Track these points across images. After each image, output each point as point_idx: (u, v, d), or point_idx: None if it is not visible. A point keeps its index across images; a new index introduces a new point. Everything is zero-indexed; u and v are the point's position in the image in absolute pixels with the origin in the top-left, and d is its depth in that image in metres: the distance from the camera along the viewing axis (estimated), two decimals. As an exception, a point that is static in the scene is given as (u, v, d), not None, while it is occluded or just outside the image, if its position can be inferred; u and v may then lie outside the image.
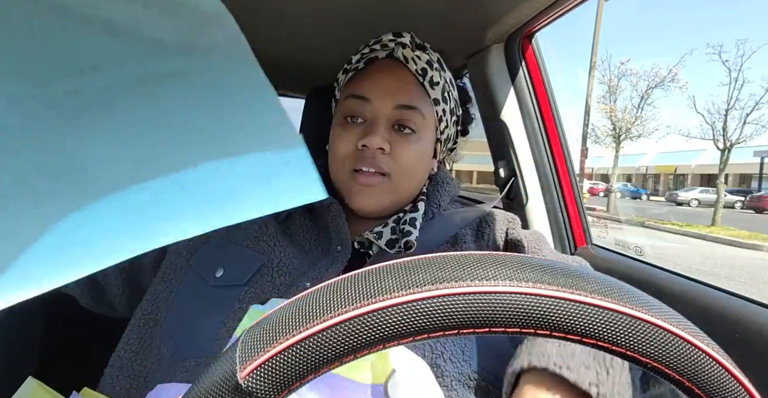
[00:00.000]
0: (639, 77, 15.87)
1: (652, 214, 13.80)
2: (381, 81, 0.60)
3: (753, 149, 16.79)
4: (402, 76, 0.60)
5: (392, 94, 0.59)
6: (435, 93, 0.61)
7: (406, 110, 0.58)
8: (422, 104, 0.59)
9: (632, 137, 15.95)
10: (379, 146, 0.57)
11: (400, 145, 0.58)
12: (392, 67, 0.61)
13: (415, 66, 0.60)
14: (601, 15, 10.72)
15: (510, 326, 0.18)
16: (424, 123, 0.60)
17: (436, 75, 0.60)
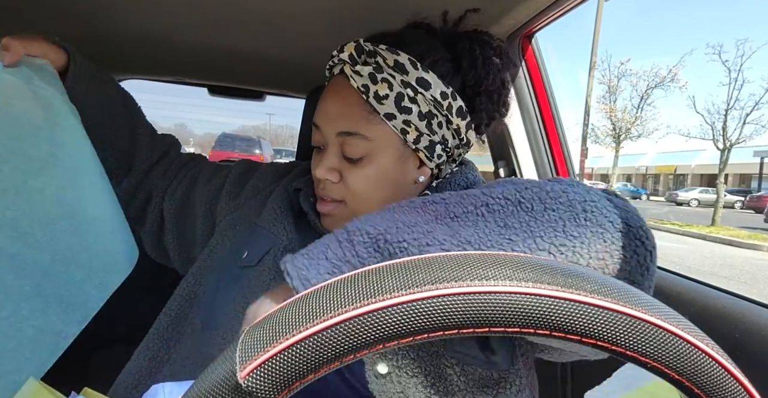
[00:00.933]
0: (639, 77, 15.88)
1: (651, 214, 13.80)
2: (325, 107, 0.58)
3: (753, 149, 16.79)
4: (344, 96, 0.56)
5: (333, 122, 0.56)
6: (385, 108, 0.54)
7: (347, 136, 0.55)
8: (366, 125, 0.55)
9: (632, 137, 15.97)
10: (323, 177, 0.57)
11: (349, 172, 0.56)
12: (338, 86, 0.57)
13: (356, 83, 0.54)
14: (601, 15, 10.73)
15: (510, 326, 0.18)
16: (373, 144, 0.55)
17: (383, 87, 0.53)
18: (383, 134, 0.55)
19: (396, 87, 0.54)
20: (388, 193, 0.58)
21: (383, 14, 0.90)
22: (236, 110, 67.01)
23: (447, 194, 0.44)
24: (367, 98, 0.54)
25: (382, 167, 0.56)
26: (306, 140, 0.95)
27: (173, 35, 1.18)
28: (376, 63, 0.55)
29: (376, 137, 0.55)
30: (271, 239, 0.60)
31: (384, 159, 0.56)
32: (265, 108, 45.03)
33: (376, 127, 0.55)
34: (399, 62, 0.54)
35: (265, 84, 1.85)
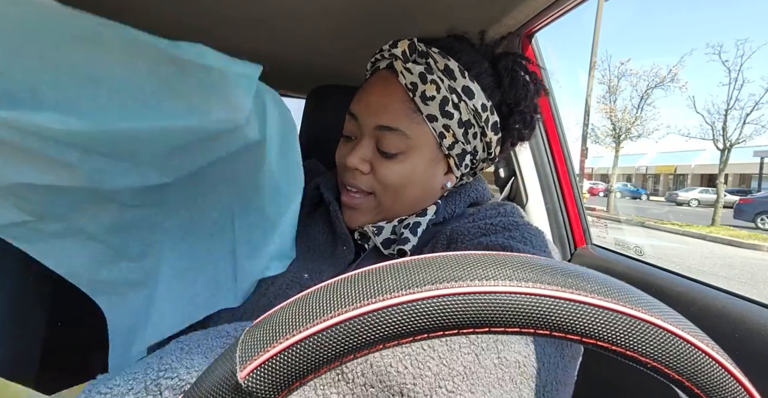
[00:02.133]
0: (639, 77, 15.89)
1: (651, 214, 13.81)
2: (368, 98, 0.58)
3: (753, 149, 16.79)
4: (391, 92, 0.56)
5: (375, 114, 0.56)
6: (429, 109, 0.55)
7: (387, 131, 0.55)
8: (408, 123, 0.55)
9: (632, 137, 15.97)
10: (355, 166, 0.56)
11: (381, 166, 0.57)
12: (384, 81, 0.57)
13: (405, 80, 0.55)
14: (601, 15, 10.72)
15: (510, 326, 0.18)
16: (411, 142, 0.56)
17: (431, 88, 0.54)
18: (422, 134, 0.56)
19: (443, 91, 0.54)
20: (416, 193, 0.59)
21: (384, 15, 0.90)
22: (236, 109, 67.02)
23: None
24: (413, 96, 0.55)
25: (415, 166, 0.57)
26: (306, 139, 0.95)
27: (173, 35, 1.18)
28: (426, 64, 0.55)
29: (415, 135, 0.56)
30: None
31: (418, 159, 0.57)
32: (265, 108, 44.99)
33: (417, 126, 0.55)
34: (449, 67, 0.55)
35: (265, 84, 1.85)
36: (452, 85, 0.55)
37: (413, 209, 0.60)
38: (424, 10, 0.86)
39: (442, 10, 0.85)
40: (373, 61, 0.61)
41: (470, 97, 0.55)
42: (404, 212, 0.60)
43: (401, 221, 0.59)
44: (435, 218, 0.60)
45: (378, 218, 0.60)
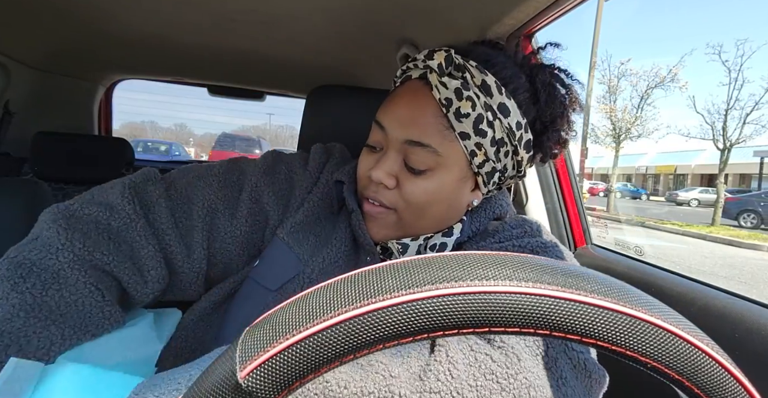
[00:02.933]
0: (639, 77, 15.88)
1: (652, 214, 13.81)
2: (398, 110, 0.54)
3: (753, 149, 16.78)
4: (423, 105, 0.53)
5: (404, 128, 0.53)
6: (463, 126, 0.52)
7: (416, 146, 0.52)
8: (440, 139, 0.52)
9: (632, 137, 15.96)
10: (380, 181, 0.54)
11: (408, 182, 0.54)
12: (416, 93, 0.54)
13: (439, 95, 0.52)
14: (601, 15, 10.72)
15: (510, 326, 0.18)
16: (441, 160, 0.53)
17: (466, 105, 0.51)
18: (453, 151, 0.53)
19: (478, 108, 0.52)
20: (442, 211, 0.56)
21: (384, 15, 0.90)
22: (236, 110, 66.95)
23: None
24: (447, 113, 0.52)
25: (443, 183, 0.54)
26: (306, 139, 0.95)
27: (173, 35, 1.18)
28: (463, 78, 0.52)
29: (446, 153, 0.53)
30: (296, 266, 0.56)
31: (447, 176, 0.54)
32: (265, 108, 44.97)
33: (449, 143, 0.52)
34: (486, 83, 0.52)
35: (265, 84, 1.85)
36: (488, 102, 0.52)
37: (437, 226, 0.57)
38: (424, 10, 0.86)
39: (441, 11, 0.85)
40: (404, 69, 0.58)
41: (506, 115, 0.53)
42: (427, 229, 0.57)
43: (427, 240, 0.57)
44: (460, 237, 0.57)
45: (399, 233, 0.57)
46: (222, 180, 0.59)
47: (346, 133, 0.85)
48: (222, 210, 0.58)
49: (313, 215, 0.60)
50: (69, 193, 1.56)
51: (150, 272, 0.52)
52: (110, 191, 0.54)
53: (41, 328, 0.41)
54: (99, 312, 0.46)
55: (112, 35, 1.22)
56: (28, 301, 0.42)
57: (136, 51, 1.40)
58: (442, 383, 0.34)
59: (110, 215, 0.51)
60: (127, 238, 0.51)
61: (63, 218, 0.48)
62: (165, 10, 1.00)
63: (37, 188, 1.01)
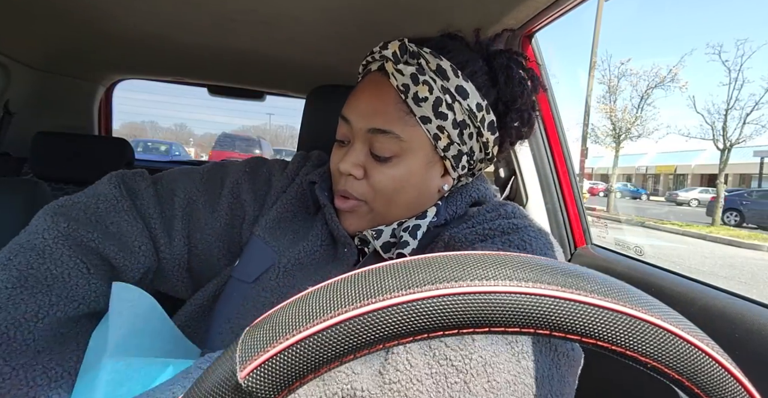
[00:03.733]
0: (639, 77, 15.89)
1: (652, 214, 13.80)
2: (359, 101, 0.56)
3: (753, 149, 16.78)
4: (382, 94, 0.54)
5: (366, 117, 0.55)
6: (422, 110, 0.53)
7: (379, 134, 0.54)
8: (401, 125, 0.54)
9: (632, 137, 15.97)
10: (347, 172, 0.55)
11: (375, 170, 0.55)
12: (376, 82, 0.56)
13: (396, 82, 0.53)
14: (601, 15, 10.72)
15: (510, 326, 0.18)
16: (405, 145, 0.54)
17: (423, 89, 0.53)
18: (416, 136, 0.55)
19: (436, 91, 0.53)
20: (412, 197, 0.57)
21: (384, 15, 0.90)
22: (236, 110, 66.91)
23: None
24: (406, 98, 0.53)
25: (409, 169, 0.55)
26: (306, 139, 0.95)
27: (173, 35, 1.18)
28: (418, 64, 0.54)
29: (409, 138, 0.54)
30: (271, 256, 0.58)
31: (413, 162, 0.55)
32: (265, 108, 44.97)
33: (411, 128, 0.54)
34: (441, 67, 0.54)
35: (265, 84, 1.85)
36: (445, 85, 0.54)
37: (410, 212, 0.59)
38: (424, 10, 0.86)
39: (441, 11, 0.85)
40: (365, 63, 0.60)
41: (464, 97, 0.54)
42: (400, 216, 0.59)
43: (401, 224, 0.58)
44: (436, 221, 0.58)
45: (374, 222, 0.59)
46: (205, 177, 0.63)
47: (346, 133, 0.85)
48: (202, 202, 0.61)
49: (287, 213, 0.62)
50: (69, 193, 1.55)
51: (140, 248, 0.55)
52: (99, 183, 0.57)
53: (28, 296, 0.44)
54: (85, 284, 0.49)
55: (112, 35, 1.22)
56: (14, 275, 0.45)
57: (136, 51, 1.40)
58: (401, 372, 0.35)
59: (97, 200, 0.54)
60: (114, 219, 0.54)
61: (51, 209, 0.52)
62: (165, 10, 1.00)
63: (37, 188, 1.01)
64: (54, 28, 1.20)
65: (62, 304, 0.46)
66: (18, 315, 0.42)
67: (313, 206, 0.64)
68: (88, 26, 1.16)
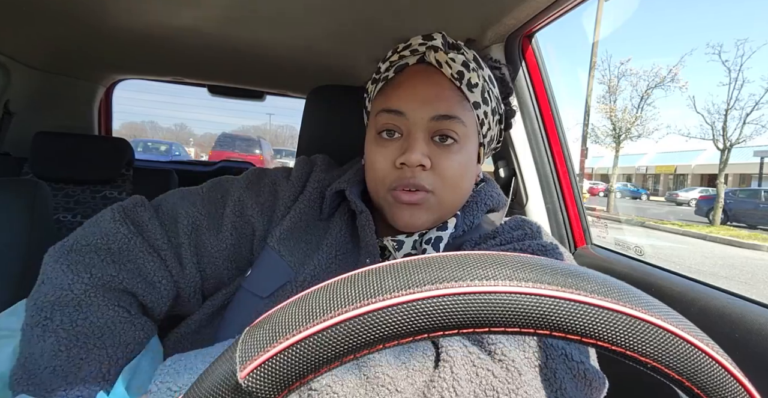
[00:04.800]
0: (639, 77, 15.89)
1: (652, 214, 13.80)
2: (414, 91, 0.55)
3: (753, 149, 16.77)
4: (437, 82, 0.55)
5: (428, 105, 0.54)
6: (474, 96, 0.56)
7: (446, 119, 0.54)
8: (461, 110, 0.55)
9: (632, 137, 15.96)
10: (419, 162, 0.53)
11: (442, 157, 0.55)
12: (425, 73, 0.56)
13: (450, 70, 0.55)
14: (601, 15, 10.72)
15: (510, 326, 0.18)
16: (466, 130, 0.55)
17: (473, 76, 0.55)
18: (471, 121, 0.57)
19: (481, 79, 0.56)
20: (469, 183, 0.59)
21: (384, 15, 0.90)
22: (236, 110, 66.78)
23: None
24: (460, 85, 0.55)
25: (468, 154, 0.57)
26: (306, 139, 0.95)
27: (173, 35, 1.18)
28: (463, 54, 0.56)
29: (468, 123, 0.56)
30: (287, 272, 0.56)
31: (470, 147, 0.57)
32: (265, 108, 44.89)
33: (468, 113, 0.56)
34: (477, 57, 0.58)
35: (265, 84, 1.85)
36: (483, 74, 0.57)
37: (458, 207, 0.59)
38: (424, 10, 0.86)
39: (442, 11, 0.85)
40: (395, 59, 0.59)
41: (494, 85, 0.59)
42: (459, 205, 0.59)
43: (422, 236, 0.57)
44: (455, 232, 0.58)
45: (437, 215, 0.57)
46: (205, 198, 0.61)
47: (346, 133, 0.85)
48: (206, 226, 0.58)
49: (301, 222, 0.60)
50: (69, 193, 1.56)
51: (161, 282, 0.54)
52: (101, 219, 0.55)
53: (86, 353, 0.44)
54: (131, 326, 0.49)
55: (113, 35, 1.22)
56: (62, 336, 0.44)
57: (136, 51, 1.40)
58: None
59: (108, 240, 0.52)
60: (129, 257, 0.52)
61: (63, 256, 0.49)
62: (165, 11, 1.00)
63: (37, 188, 1.01)
64: (54, 28, 1.20)
65: (120, 354, 0.46)
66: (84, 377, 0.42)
67: (327, 212, 0.62)
68: (88, 26, 1.16)
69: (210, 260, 0.58)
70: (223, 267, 0.59)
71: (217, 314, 0.59)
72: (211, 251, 0.58)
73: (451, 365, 0.37)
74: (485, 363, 0.38)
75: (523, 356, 0.40)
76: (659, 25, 47.04)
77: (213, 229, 0.59)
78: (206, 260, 0.58)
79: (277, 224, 0.60)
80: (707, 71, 27.94)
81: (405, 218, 0.55)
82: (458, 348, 0.38)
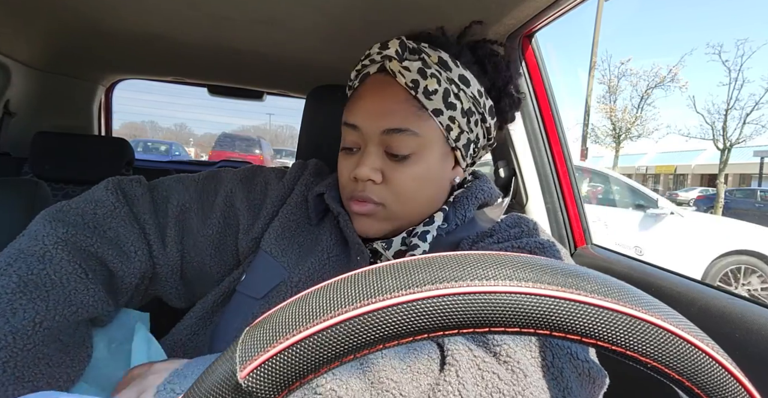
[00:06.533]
0: (639, 77, 15.89)
1: (652, 214, 13.79)
2: (366, 105, 0.56)
3: (753, 149, 16.77)
4: (391, 93, 0.55)
5: (378, 119, 0.54)
6: (434, 103, 0.54)
7: (396, 133, 0.54)
8: (416, 121, 0.54)
9: (632, 137, 15.97)
10: (367, 177, 0.55)
11: (395, 171, 0.55)
12: (381, 84, 0.56)
13: (404, 79, 0.54)
14: (601, 15, 10.72)
15: (510, 326, 0.18)
16: (422, 141, 0.55)
17: (431, 83, 0.54)
18: (430, 130, 0.55)
19: (443, 83, 0.54)
20: (431, 193, 0.58)
21: (383, 15, 0.90)
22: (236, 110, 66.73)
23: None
24: (416, 94, 0.54)
25: (428, 165, 0.56)
26: (306, 139, 0.95)
27: (173, 35, 1.18)
28: (421, 59, 0.55)
29: (424, 133, 0.55)
30: (280, 273, 0.57)
31: (430, 157, 0.56)
32: (265, 108, 44.85)
33: (424, 123, 0.55)
34: (442, 59, 0.55)
35: (265, 84, 1.85)
36: (449, 76, 0.55)
37: (428, 210, 0.59)
38: (424, 10, 0.86)
39: (441, 11, 0.85)
40: (359, 68, 0.60)
41: (467, 85, 0.56)
42: (418, 214, 0.58)
43: (409, 233, 0.58)
44: (447, 227, 0.58)
45: (392, 225, 0.58)
46: (200, 185, 0.63)
47: (346, 133, 0.85)
48: (195, 210, 0.60)
49: (292, 224, 0.61)
50: (69, 193, 1.56)
51: (136, 253, 0.55)
52: (95, 188, 0.57)
53: (27, 301, 0.44)
54: (84, 290, 0.48)
55: (112, 35, 1.22)
56: (14, 280, 0.44)
57: (136, 51, 1.40)
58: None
59: (95, 206, 0.54)
60: (111, 224, 0.54)
61: (49, 214, 0.51)
62: (165, 10, 1.00)
63: (37, 188, 1.01)
64: (54, 28, 1.20)
65: (60, 309, 0.45)
66: (16, 322, 0.42)
67: (315, 216, 0.63)
68: (88, 26, 1.16)
69: (194, 244, 0.59)
70: (206, 253, 0.60)
71: (209, 320, 0.60)
72: (196, 235, 0.60)
73: (456, 369, 0.37)
74: (490, 366, 0.38)
75: (529, 356, 0.40)
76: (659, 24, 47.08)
77: (201, 214, 0.60)
78: (191, 243, 0.59)
79: (267, 226, 0.61)
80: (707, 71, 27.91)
81: (359, 227, 0.58)
82: (463, 352, 0.38)
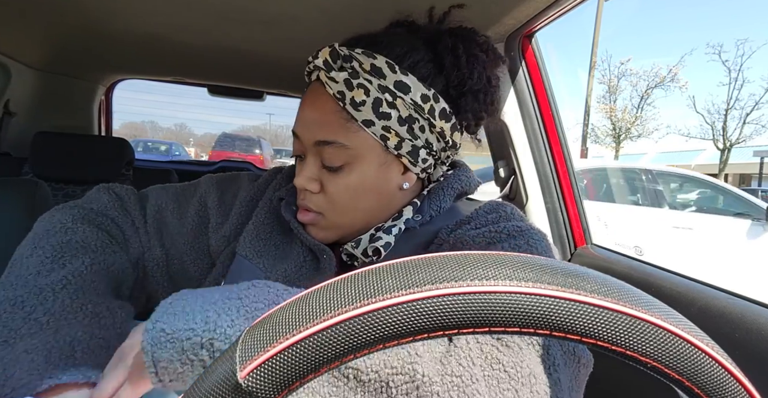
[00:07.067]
0: (639, 77, 15.90)
1: (652, 214, 13.79)
2: (303, 114, 0.56)
3: (753, 149, 16.77)
4: (321, 104, 0.54)
5: (311, 130, 0.54)
6: (362, 114, 0.52)
7: (325, 145, 0.53)
8: (344, 133, 0.53)
9: (632, 137, 15.97)
10: (304, 187, 0.55)
11: (329, 182, 0.55)
12: (315, 93, 0.55)
13: (332, 90, 0.52)
14: (601, 15, 10.73)
15: (510, 326, 0.18)
16: (353, 152, 0.53)
17: (359, 93, 0.51)
18: (362, 141, 0.53)
19: (373, 92, 0.52)
20: (372, 202, 0.57)
21: (383, 13, 0.90)
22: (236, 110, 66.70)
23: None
24: (344, 105, 0.52)
25: (363, 175, 0.55)
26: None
27: (173, 35, 1.18)
28: (351, 68, 0.53)
29: (355, 144, 0.53)
30: (258, 275, 0.58)
31: (365, 167, 0.55)
32: (265, 108, 44.85)
33: (355, 134, 0.53)
34: (376, 66, 0.52)
35: (265, 84, 1.85)
36: (383, 83, 0.52)
37: (374, 217, 0.58)
38: (424, 10, 0.85)
39: (441, 11, 0.85)
40: (306, 73, 0.59)
41: (406, 91, 0.52)
42: (363, 222, 0.58)
43: (378, 229, 0.57)
44: (421, 219, 0.57)
45: (336, 234, 0.58)
46: (179, 189, 0.66)
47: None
48: (171, 209, 0.63)
49: (266, 227, 0.62)
50: (69, 193, 1.56)
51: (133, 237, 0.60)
52: (89, 193, 0.62)
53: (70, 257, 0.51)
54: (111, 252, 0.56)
55: (112, 35, 1.22)
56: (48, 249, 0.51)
57: (136, 51, 1.40)
58: (464, 368, 0.36)
59: (90, 202, 0.60)
60: (109, 213, 0.60)
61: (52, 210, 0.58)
62: (165, 10, 1.00)
63: (37, 188, 1.01)
64: (54, 28, 1.20)
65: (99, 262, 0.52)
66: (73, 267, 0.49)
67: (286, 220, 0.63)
68: (88, 26, 1.16)
69: (173, 242, 0.62)
70: (183, 251, 0.62)
71: None
72: (172, 233, 0.62)
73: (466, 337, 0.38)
74: (489, 340, 0.39)
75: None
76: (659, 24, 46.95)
77: (177, 213, 0.64)
78: (170, 241, 0.62)
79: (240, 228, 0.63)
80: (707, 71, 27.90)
81: (310, 233, 0.58)
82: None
